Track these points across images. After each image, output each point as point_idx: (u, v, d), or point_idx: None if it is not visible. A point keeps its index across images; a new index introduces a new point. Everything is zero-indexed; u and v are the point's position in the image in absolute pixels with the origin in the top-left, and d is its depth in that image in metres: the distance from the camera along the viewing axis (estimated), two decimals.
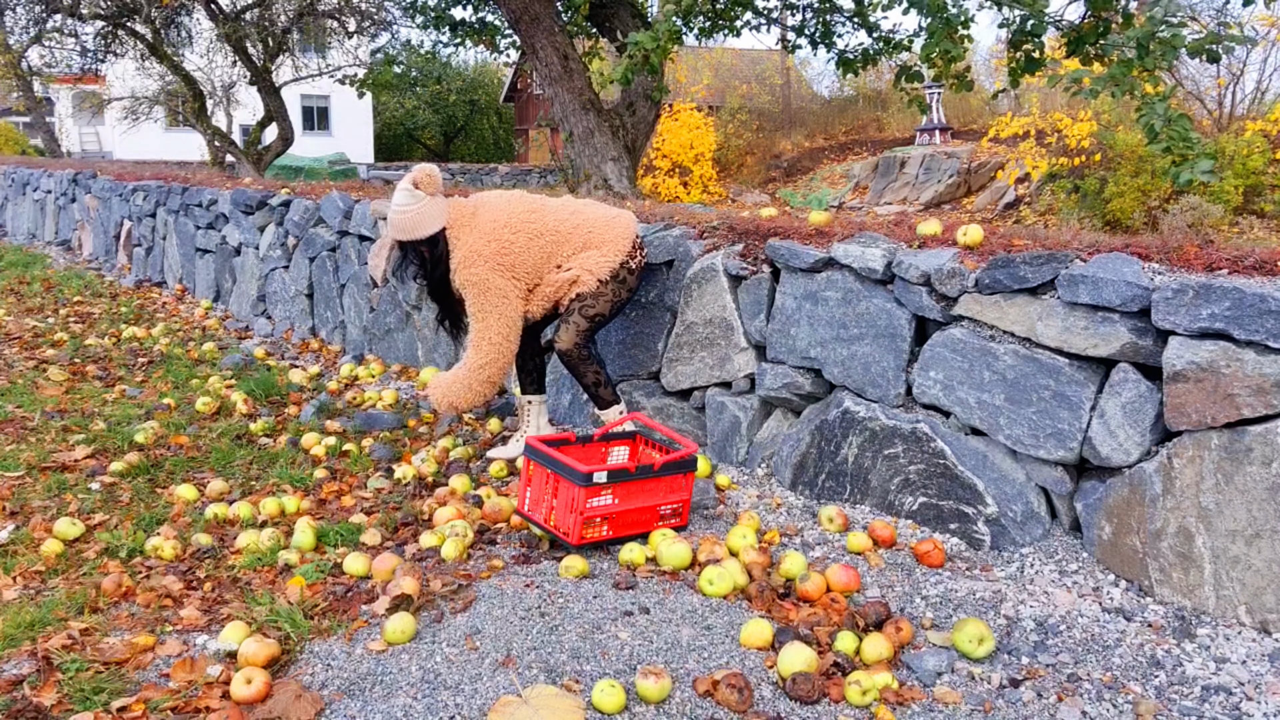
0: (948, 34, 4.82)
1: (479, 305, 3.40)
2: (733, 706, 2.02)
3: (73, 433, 4.01)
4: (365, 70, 12.50)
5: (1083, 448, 2.60)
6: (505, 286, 3.39)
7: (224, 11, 11.72)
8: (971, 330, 2.83)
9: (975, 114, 18.32)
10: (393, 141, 34.82)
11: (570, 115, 6.50)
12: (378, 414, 4.24)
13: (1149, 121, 4.24)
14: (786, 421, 3.40)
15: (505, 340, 3.42)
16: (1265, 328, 2.25)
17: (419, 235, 3.40)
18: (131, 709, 2.00)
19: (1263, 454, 2.26)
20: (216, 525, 3.10)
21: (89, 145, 29.94)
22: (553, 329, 3.64)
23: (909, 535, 2.90)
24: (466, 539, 2.83)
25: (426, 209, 3.38)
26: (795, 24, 7.81)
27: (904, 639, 2.30)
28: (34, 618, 2.38)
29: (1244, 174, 11.58)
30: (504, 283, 3.39)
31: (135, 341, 5.90)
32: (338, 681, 2.09)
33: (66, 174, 10.47)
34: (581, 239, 3.47)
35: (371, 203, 3.58)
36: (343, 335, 5.68)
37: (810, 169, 19.85)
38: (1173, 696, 2.11)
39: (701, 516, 3.11)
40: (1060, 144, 13.70)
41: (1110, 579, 2.53)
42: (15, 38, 14.72)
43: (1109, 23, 5.14)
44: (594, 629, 2.31)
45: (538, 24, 6.23)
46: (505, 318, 3.40)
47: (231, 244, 6.79)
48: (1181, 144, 4.15)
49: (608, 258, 3.46)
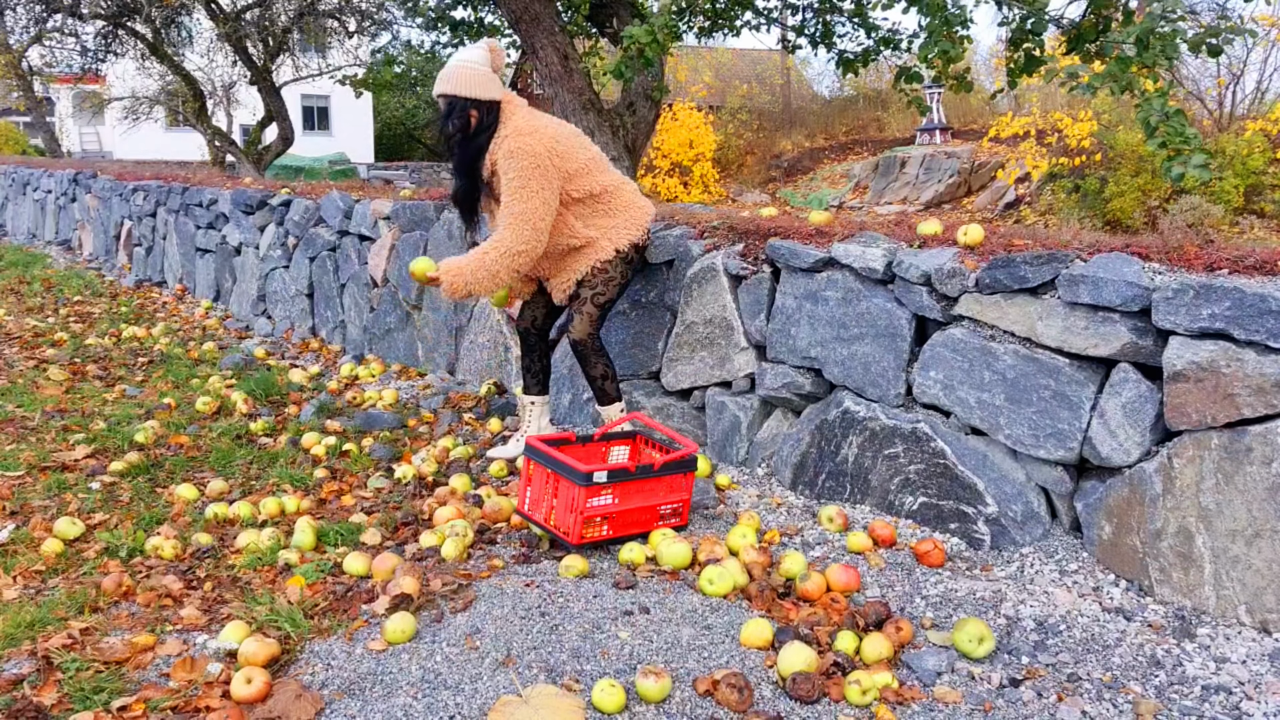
0: (946, 34, 4.81)
1: (524, 179, 3.17)
2: (733, 706, 2.02)
3: (73, 432, 4.01)
4: (365, 70, 12.51)
5: (1083, 448, 2.60)
6: (552, 174, 3.21)
7: (224, 11, 11.72)
8: (972, 330, 2.83)
9: (975, 114, 18.33)
10: (393, 141, 34.81)
11: (570, 115, 6.50)
12: (378, 414, 4.24)
13: (1146, 117, 4.24)
14: (787, 421, 3.40)
15: (541, 226, 3.20)
16: (1265, 328, 2.25)
17: (479, 95, 3.24)
18: (131, 709, 2.00)
19: (1263, 454, 2.26)
20: (216, 525, 3.10)
21: (89, 145, 29.95)
22: (565, 319, 3.59)
23: (909, 535, 2.90)
24: (466, 539, 2.83)
25: (493, 76, 3.29)
26: (795, 24, 7.81)
27: (904, 639, 2.30)
28: (34, 617, 2.38)
29: (1244, 174, 11.58)
30: (552, 170, 3.22)
31: (135, 341, 5.90)
32: (338, 681, 2.09)
33: (67, 174, 10.47)
34: (610, 201, 3.42)
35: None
36: (343, 335, 5.68)
37: (810, 169, 19.85)
38: (1173, 696, 2.11)
39: (701, 516, 3.11)
40: (1060, 144, 13.71)
41: (1110, 579, 2.53)
42: (15, 37, 14.73)
43: (1109, 20, 5.13)
44: (594, 628, 2.31)
45: (538, 24, 6.23)
46: (547, 204, 3.20)
47: (232, 244, 6.79)
48: (1178, 140, 4.15)
49: (628, 231, 3.42)
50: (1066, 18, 5.36)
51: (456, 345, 4.83)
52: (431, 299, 4.92)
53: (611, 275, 3.42)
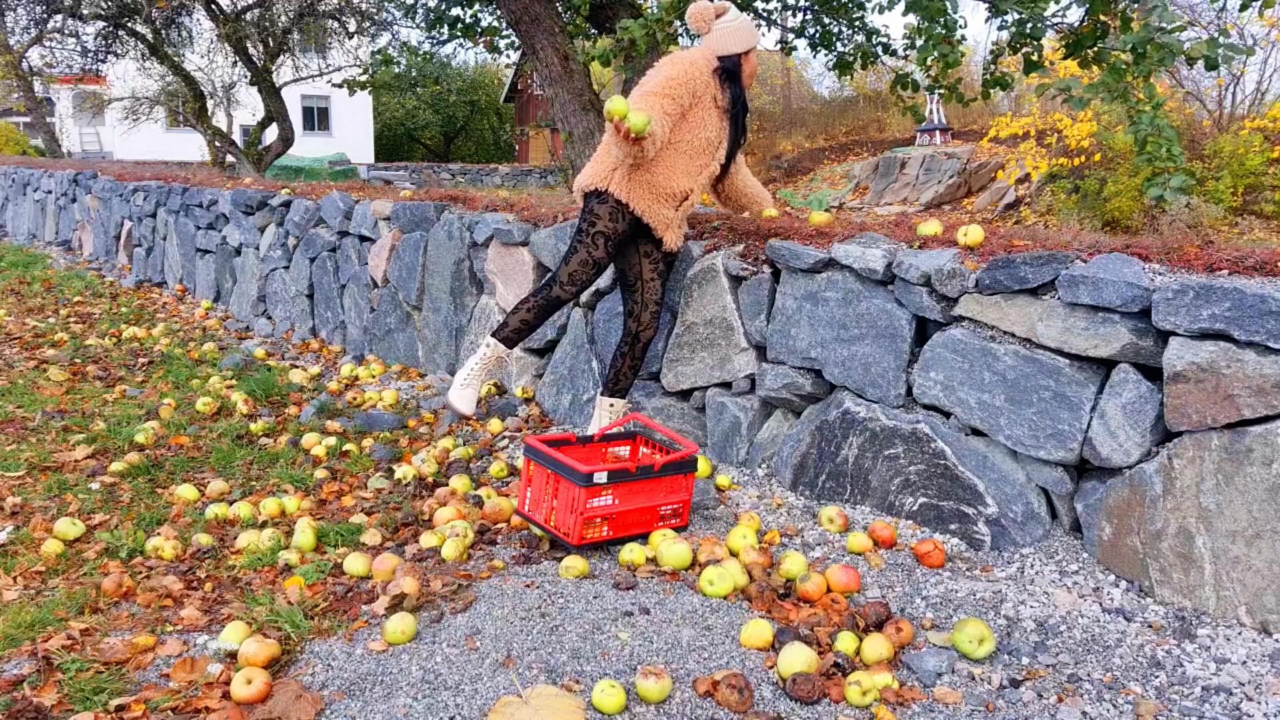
0: (945, 38, 4.82)
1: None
2: (733, 707, 2.02)
3: (73, 433, 4.01)
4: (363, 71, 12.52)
5: (1083, 448, 2.60)
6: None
7: (224, 12, 11.73)
8: (972, 331, 2.83)
9: (975, 114, 18.31)
10: (393, 142, 34.84)
11: (570, 116, 6.50)
12: (378, 414, 4.24)
13: (1137, 130, 4.26)
14: (787, 422, 3.40)
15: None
16: (1266, 328, 2.25)
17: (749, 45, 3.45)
18: (131, 709, 2.00)
19: (1263, 454, 2.26)
20: (217, 525, 3.10)
21: (89, 145, 29.96)
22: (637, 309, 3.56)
23: (909, 536, 2.90)
24: (467, 539, 2.83)
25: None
26: (795, 25, 7.81)
27: (904, 639, 2.30)
28: (34, 618, 2.38)
29: (1242, 174, 11.57)
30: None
31: (135, 342, 5.90)
32: (338, 682, 2.09)
33: (67, 174, 10.47)
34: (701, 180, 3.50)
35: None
36: (343, 335, 5.68)
37: (810, 169, 19.84)
38: (1173, 697, 2.11)
39: (702, 517, 3.11)
40: (1060, 144, 13.70)
41: (1110, 579, 2.53)
42: (16, 38, 14.73)
43: (1107, 26, 5.14)
44: (594, 629, 2.31)
45: (538, 24, 6.23)
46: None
47: (232, 244, 6.79)
48: (1164, 158, 4.18)
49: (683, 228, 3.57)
50: (1065, 22, 5.36)
51: (457, 346, 4.83)
52: (432, 299, 4.93)
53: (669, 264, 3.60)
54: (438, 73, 32.25)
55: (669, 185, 3.36)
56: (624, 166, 3.30)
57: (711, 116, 3.39)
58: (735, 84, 3.43)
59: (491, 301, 4.60)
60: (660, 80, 3.25)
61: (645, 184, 3.33)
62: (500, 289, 4.52)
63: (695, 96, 3.31)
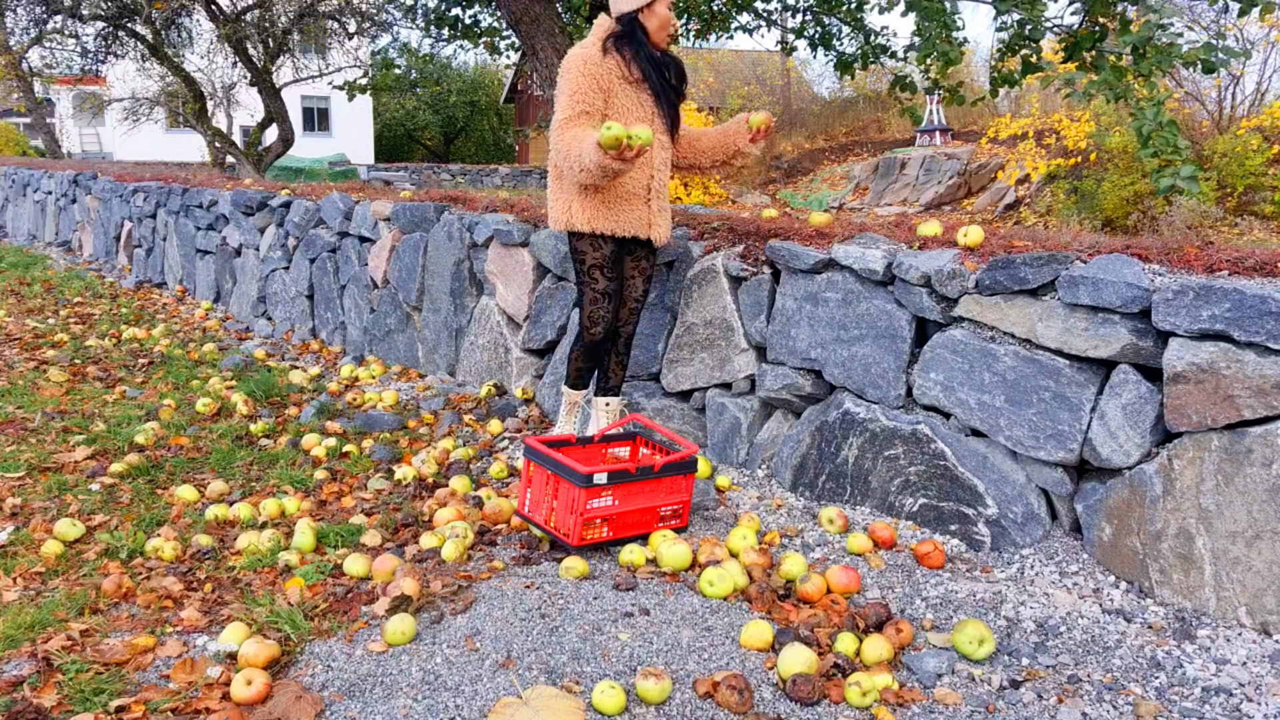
0: (944, 38, 4.82)
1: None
2: (733, 708, 2.02)
3: (73, 433, 4.01)
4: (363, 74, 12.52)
5: (1083, 449, 2.60)
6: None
7: (224, 12, 11.73)
8: (972, 331, 2.83)
9: (975, 115, 18.31)
10: (393, 142, 34.85)
11: None
12: (378, 415, 4.24)
13: (1140, 126, 4.27)
14: (787, 423, 3.40)
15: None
16: (1266, 329, 2.25)
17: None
18: (131, 710, 2.00)
19: (1263, 455, 2.26)
20: (217, 526, 3.10)
21: (89, 146, 29.95)
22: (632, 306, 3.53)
23: (909, 536, 2.90)
24: (467, 540, 2.83)
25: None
26: (794, 26, 7.81)
27: (904, 640, 2.30)
28: (34, 618, 2.38)
29: (1241, 174, 11.57)
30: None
31: (135, 342, 5.90)
32: (338, 682, 2.09)
33: (67, 175, 10.47)
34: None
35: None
36: (343, 336, 5.68)
37: (811, 170, 19.85)
38: (1173, 698, 2.11)
39: (702, 518, 3.11)
40: (1059, 145, 13.71)
41: (1110, 580, 2.53)
42: (16, 38, 14.72)
43: (1105, 29, 5.15)
44: (594, 630, 2.31)
45: (538, 25, 6.23)
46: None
47: (232, 245, 6.79)
48: (1169, 151, 4.18)
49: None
50: (1063, 24, 5.36)
51: (456, 346, 4.83)
52: (432, 300, 4.93)
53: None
54: (438, 74, 32.25)
55: (626, 185, 3.24)
56: (577, 198, 3.22)
57: (630, 96, 3.22)
58: (637, 44, 3.20)
59: (491, 302, 4.60)
60: (565, 101, 3.11)
61: (603, 201, 3.23)
62: (500, 289, 4.52)
63: (604, 90, 3.15)
